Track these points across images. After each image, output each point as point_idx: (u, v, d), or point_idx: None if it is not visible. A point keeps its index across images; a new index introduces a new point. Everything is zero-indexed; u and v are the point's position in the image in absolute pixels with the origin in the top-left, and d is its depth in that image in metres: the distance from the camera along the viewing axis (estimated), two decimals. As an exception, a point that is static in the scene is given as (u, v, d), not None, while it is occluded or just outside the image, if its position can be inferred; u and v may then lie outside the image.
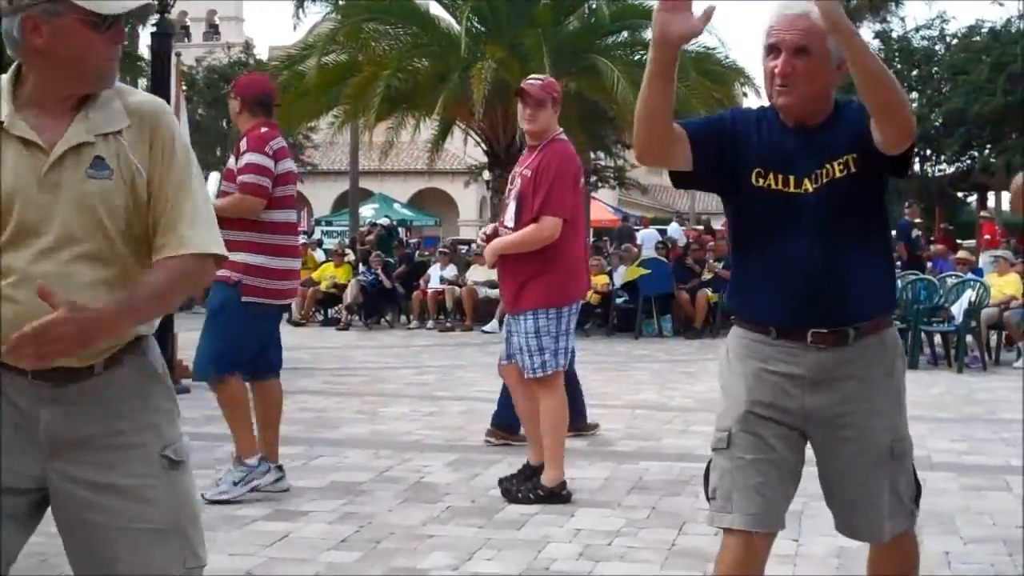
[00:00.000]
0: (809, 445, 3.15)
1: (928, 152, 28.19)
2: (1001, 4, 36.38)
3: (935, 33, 27.73)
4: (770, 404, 3.05)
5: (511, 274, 6.05)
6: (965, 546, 5.16)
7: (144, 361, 2.63)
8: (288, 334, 15.55)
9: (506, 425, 7.59)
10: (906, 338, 13.15)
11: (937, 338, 13.60)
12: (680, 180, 3.12)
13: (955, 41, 26.58)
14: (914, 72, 27.46)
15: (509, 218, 6.05)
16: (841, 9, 2.73)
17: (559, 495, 5.90)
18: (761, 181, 3.02)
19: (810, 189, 2.98)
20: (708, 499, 3.11)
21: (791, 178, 3.00)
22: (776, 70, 2.95)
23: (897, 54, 28.75)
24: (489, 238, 6.18)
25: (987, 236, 21.43)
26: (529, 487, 5.95)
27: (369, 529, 5.41)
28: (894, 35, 29.88)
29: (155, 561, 2.55)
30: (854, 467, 3.10)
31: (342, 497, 6.03)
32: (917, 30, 28.60)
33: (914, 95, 27.06)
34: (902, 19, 36.55)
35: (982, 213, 24.11)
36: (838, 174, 2.97)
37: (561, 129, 6.16)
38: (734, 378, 3.12)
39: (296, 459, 7.04)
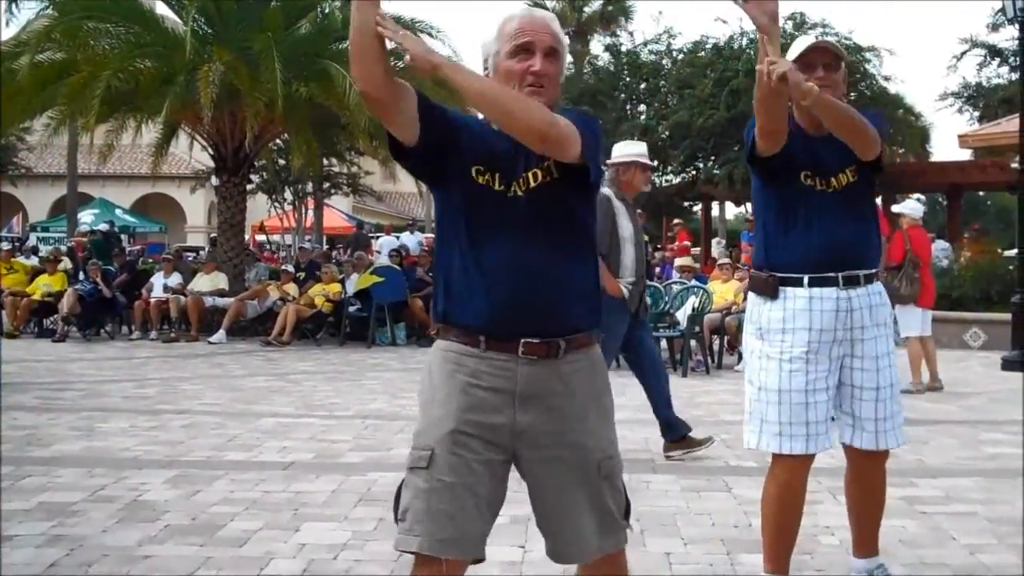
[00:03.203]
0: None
1: (656, 163, 29.32)
2: (724, 22, 38.22)
3: (662, 48, 28.75)
4: (479, 422, 2.94)
5: None
6: (686, 547, 5.28)
7: None
8: (-2, 347, 14.80)
9: (679, 437, 7.61)
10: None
11: (663, 343, 14.04)
12: (397, 153, 3.00)
13: (681, 56, 27.62)
14: (642, 85, 28.37)
15: None
16: None
17: None
18: (481, 179, 2.98)
19: (519, 192, 2.97)
20: (396, 520, 2.96)
21: (497, 176, 2.97)
22: (533, 68, 2.96)
23: (626, 68, 29.71)
24: None
25: (684, 243, 22.36)
26: None
27: (81, 552, 5.10)
28: (623, 49, 30.89)
29: None
30: (563, 487, 3.01)
31: (52, 519, 5.68)
32: (645, 44, 29.56)
33: (642, 107, 27.99)
34: (631, 33, 37.86)
35: (675, 221, 25.14)
36: (541, 179, 2.98)
37: None
38: (439, 394, 2.98)
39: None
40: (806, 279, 4.21)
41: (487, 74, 3.03)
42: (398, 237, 27.01)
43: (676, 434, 7.60)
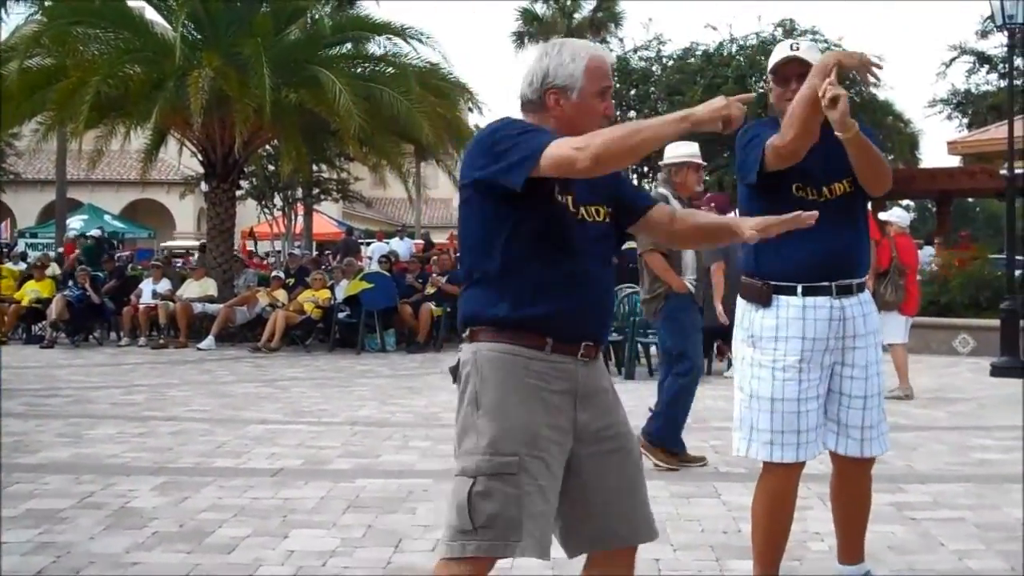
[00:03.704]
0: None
1: (646, 170, 29.34)
2: (714, 29, 38.37)
3: (652, 54, 28.82)
4: (554, 425, 3.04)
5: None
6: (675, 553, 5.27)
7: None
8: (-15, 353, 14.76)
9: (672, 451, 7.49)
10: (623, 350, 13.54)
11: (653, 349, 14.02)
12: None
13: (671, 63, 27.69)
14: (632, 92, 28.42)
15: None
16: None
17: None
18: (559, 199, 3.10)
19: (587, 219, 3.15)
20: (476, 527, 2.95)
21: (569, 199, 3.12)
22: (609, 111, 3.19)
23: (616, 74, 29.79)
24: None
25: None
26: None
27: (68, 559, 5.08)
28: (613, 55, 30.98)
29: None
30: (624, 474, 3.17)
31: (39, 526, 5.65)
32: (635, 51, 29.64)
33: (632, 114, 28.03)
34: (621, 40, 37.94)
35: None
36: (605, 218, 3.23)
37: None
38: (511, 398, 3.03)
39: (-12, 486, 6.58)
40: (800, 288, 4.20)
41: (557, 97, 3.14)
42: (388, 243, 26.98)
43: (670, 446, 7.55)
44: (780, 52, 4.31)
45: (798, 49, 4.25)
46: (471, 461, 3.01)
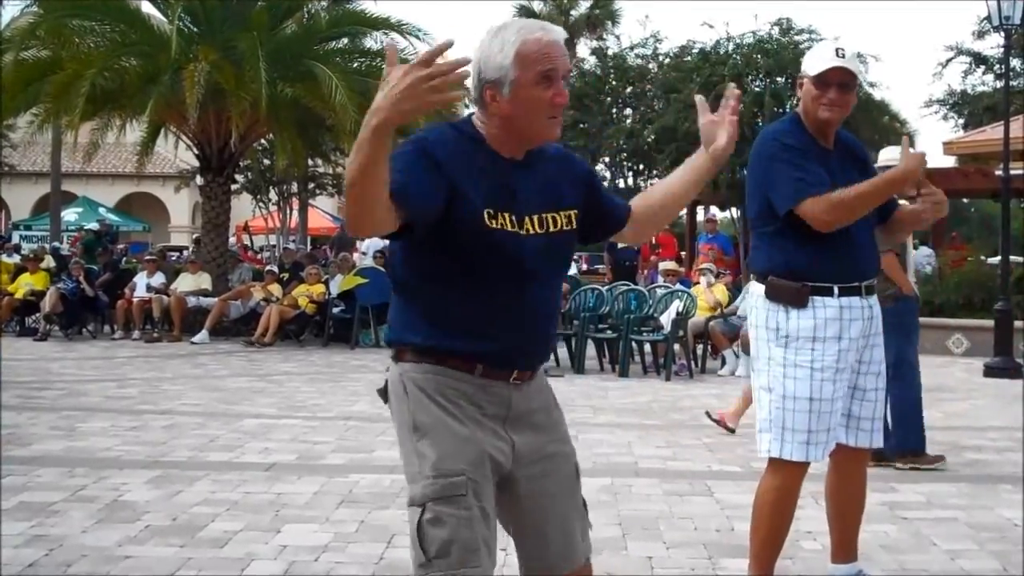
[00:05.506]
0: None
1: (641, 167, 29.32)
2: (711, 27, 38.35)
3: (649, 52, 28.82)
4: (492, 446, 2.83)
5: None
6: (667, 551, 5.27)
7: None
8: (-23, 345, 14.75)
9: (909, 450, 7.35)
10: (617, 347, 13.55)
11: (647, 347, 14.04)
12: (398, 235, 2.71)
13: (667, 60, 27.67)
14: (628, 89, 28.41)
15: None
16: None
17: None
18: (493, 223, 2.75)
19: (533, 231, 2.83)
20: (431, 558, 2.70)
21: (510, 216, 2.79)
22: (559, 99, 2.75)
23: (612, 71, 29.79)
24: None
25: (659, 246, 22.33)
26: None
27: (60, 552, 5.08)
28: (610, 52, 30.95)
29: None
30: (555, 497, 2.94)
31: (31, 519, 5.65)
32: (632, 48, 29.63)
33: (628, 111, 28.04)
34: (617, 37, 37.94)
35: None
36: (564, 227, 2.90)
37: None
38: (450, 417, 2.80)
39: (-20, 479, 6.57)
40: (836, 289, 4.21)
41: (492, 93, 2.76)
42: (383, 238, 26.94)
43: (913, 446, 7.40)
44: (826, 58, 4.22)
45: (844, 57, 4.19)
46: (417, 488, 2.76)
